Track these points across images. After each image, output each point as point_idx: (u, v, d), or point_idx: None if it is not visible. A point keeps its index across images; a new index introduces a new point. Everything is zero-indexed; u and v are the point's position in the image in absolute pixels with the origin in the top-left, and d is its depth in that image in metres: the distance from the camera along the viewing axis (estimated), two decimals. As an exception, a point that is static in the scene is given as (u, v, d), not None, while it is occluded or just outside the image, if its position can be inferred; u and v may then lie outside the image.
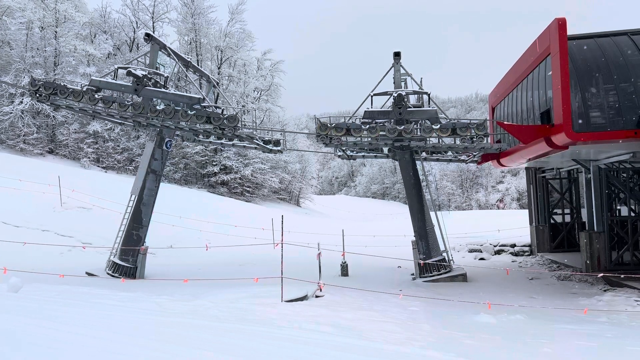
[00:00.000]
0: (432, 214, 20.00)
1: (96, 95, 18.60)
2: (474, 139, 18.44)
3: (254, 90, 66.14)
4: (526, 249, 26.39)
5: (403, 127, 18.37)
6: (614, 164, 19.01)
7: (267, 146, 21.76)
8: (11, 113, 45.27)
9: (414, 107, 19.62)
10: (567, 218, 26.02)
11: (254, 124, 21.22)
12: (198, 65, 47.03)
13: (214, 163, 57.55)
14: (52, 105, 20.01)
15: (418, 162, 20.41)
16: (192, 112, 18.36)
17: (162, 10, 60.99)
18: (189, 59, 21.99)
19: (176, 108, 18.52)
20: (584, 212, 22.32)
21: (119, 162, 51.76)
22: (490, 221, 38.36)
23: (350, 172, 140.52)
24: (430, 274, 18.99)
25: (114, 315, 8.44)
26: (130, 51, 57.87)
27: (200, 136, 21.92)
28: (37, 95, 18.72)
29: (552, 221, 26.06)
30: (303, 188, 75.08)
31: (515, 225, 29.57)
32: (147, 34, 19.83)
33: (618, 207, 20.46)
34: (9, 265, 14.72)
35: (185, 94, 20.24)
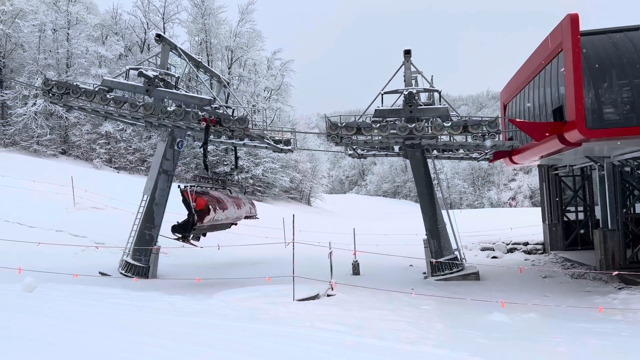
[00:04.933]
0: (443, 212, 19.91)
1: (108, 96, 18.73)
2: (486, 137, 18.31)
3: (264, 90, 66.23)
4: (539, 247, 26.18)
5: (414, 125, 18.29)
6: (628, 160, 18.78)
7: (278, 146, 21.77)
8: (25, 115, 45.75)
9: (425, 105, 19.53)
10: (581, 216, 25.77)
11: (265, 124, 21.24)
12: (209, 65, 47.18)
13: (225, 163, 57.74)
14: (65, 107, 20.16)
15: (429, 160, 20.32)
16: (202, 114, 18.42)
17: (173, 11, 61.27)
18: (199, 60, 22.07)
19: (187, 109, 18.60)
20: (597, 210, 22.07)
21: (131, 163, 52.10)
22: (502, 219, 38.14)
23: (361, 171, 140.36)
24: (442, 273, 18.90)
25: (128, 315, 8.50)
26: (142, 52, 58.18)
27: (212, 136, 21.98)
28: (50, 95, 18.87)
29: (565, 219, 25.82)
30: (314, 187, 75.08)
31: (528, 223, 29.34)
32: (158, 35, 19.93)
33: (633, 204, 20.21)
34: (24, 265, 14.88)
35: (196, 95, 20.31)
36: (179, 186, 14.58)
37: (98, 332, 6.24)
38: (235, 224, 17.88)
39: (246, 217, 23.89)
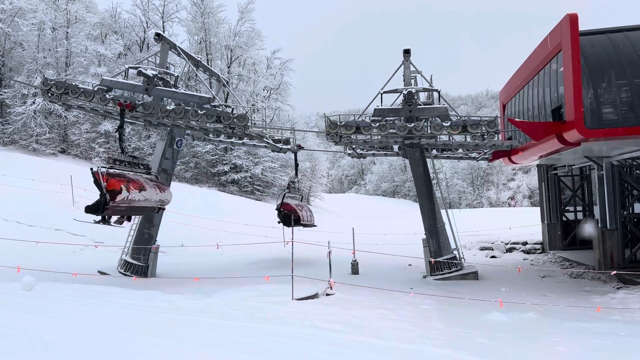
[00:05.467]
0: (442, 211, 19.92)
1: (107, 95, 18.72)
2: (485, 136, 18.33)
3: (263, 89, 66.19)
4: (538, 246, 26.22)
5: (413, 124, 18.30)
6: (627, 160, 18.81)
7: (277, 145, 21.78)
8: (24, 113, 45.67)
9: (424, 105, 19.55)
10: (580, 215, 25.81)
11: (264, 123, 21.24)
12: (208, 64, 47.16)
13: (224, 162, 57.71)
14: (64, 106, 20.16)
15: (428, 160, 20.33)
16: (202, 112, 18.43)
17: (172, 10, 61.19)
18: (198, 59, 22.05)
19: (186, 108, 18.59)
20: (596, 210, 22.11)
21: (130, 162, 52.03)
22: (501, 219, 38.15)
23: (360, 171, 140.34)
24: (441, 272, 18.92)
25: (127, 314, 8.50)
26: (141, 51, 58.11)
27: (211, 135, 21.99)
28: (49, 95, 18.86)
29: (564, 219, 25.86)
30: (313, 186, 74.98)
31: (527, 223, 29.37)
32: (157, 34, 19.92)
33: (631, 204, 20.25)
34: (23, 264, 14.88)
35: (195, 93, 20.32)
36: (91, 169, 14.63)
37: (98, 331, 6.24)
38: (163, 208, 17.92)
39: (305, 226, 23.82)
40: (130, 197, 14.70)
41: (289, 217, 23.13)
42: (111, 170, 14.90)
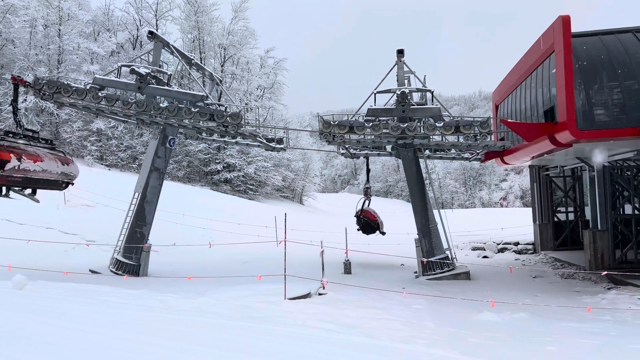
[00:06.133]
0: (435, 212, 19.98)
1: (99, 93, 18.62)
2: (478, 137, 18.40)
3: (257, 88, 66.08)
4: (529, 247, 26.35)
5: (406, 124, 18.33)
6: (618, 162, 18.95)
7: (271, 144, 21.74)
8: (15, 111, 45.35)
9: (417, 105, 19.59)
10: (571, 216, 25.97)
11: (257, 122, 21.20)
12: (201, 63, 47.01)
13: (217, 161, 57.57)
14: (56, 104, 20.02)
15: (421, 160, 20.38)
16: (195, 110, 18.37)
17: (166, 8, 61.02)
18: (192, 57, 21.98)
19: (179, 106, 18.53)
20: (587, 210, 22.26)
21: (123, 160, 51.84)
22: (493, 219, 38.33)
23: (353, 170, 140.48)
24: (433, 272, 18.98)
25: (120, 313, 8.46)
26: (134, 49, 57.89)
27: (204, 134, 21.92)
28: (41, 93, 18.74)
29: (555, 219, 26.01)
30: (306, 186, 75.07)
31: (519, 224, 29.52)
32: (151, 32, 19.83)
33: (622, 205, 20.40)
34: (14, 263, 14.77)
35: (188, 91, 20.25)
36: None
37: (92, 330, 6.21)
38: (72, 184, 17.85)
39: (383, 233, 23.47)
40: (22, 166, 14.75)
41: (369, 224, 22.89)
42: (1, 142, 14.96)
